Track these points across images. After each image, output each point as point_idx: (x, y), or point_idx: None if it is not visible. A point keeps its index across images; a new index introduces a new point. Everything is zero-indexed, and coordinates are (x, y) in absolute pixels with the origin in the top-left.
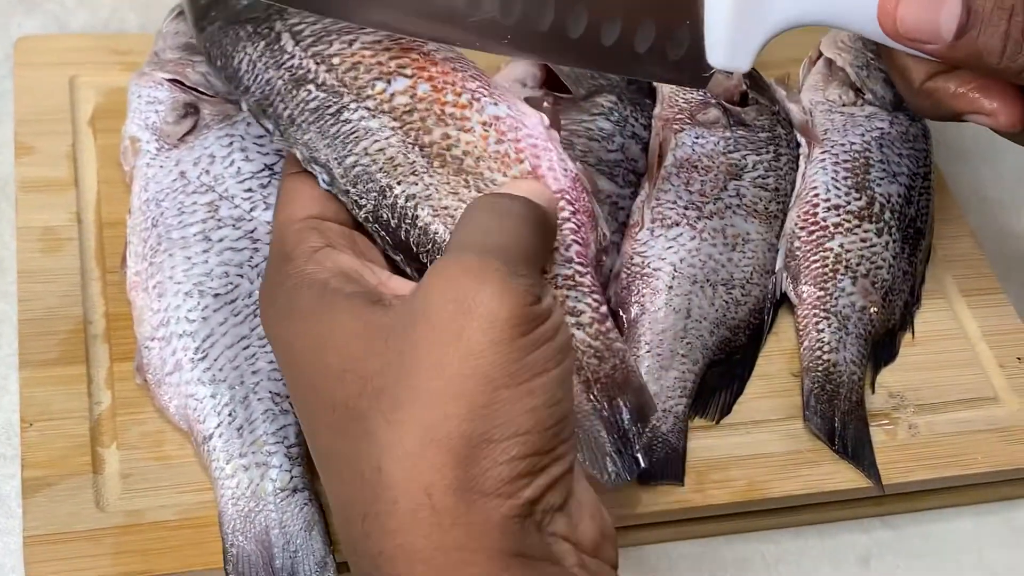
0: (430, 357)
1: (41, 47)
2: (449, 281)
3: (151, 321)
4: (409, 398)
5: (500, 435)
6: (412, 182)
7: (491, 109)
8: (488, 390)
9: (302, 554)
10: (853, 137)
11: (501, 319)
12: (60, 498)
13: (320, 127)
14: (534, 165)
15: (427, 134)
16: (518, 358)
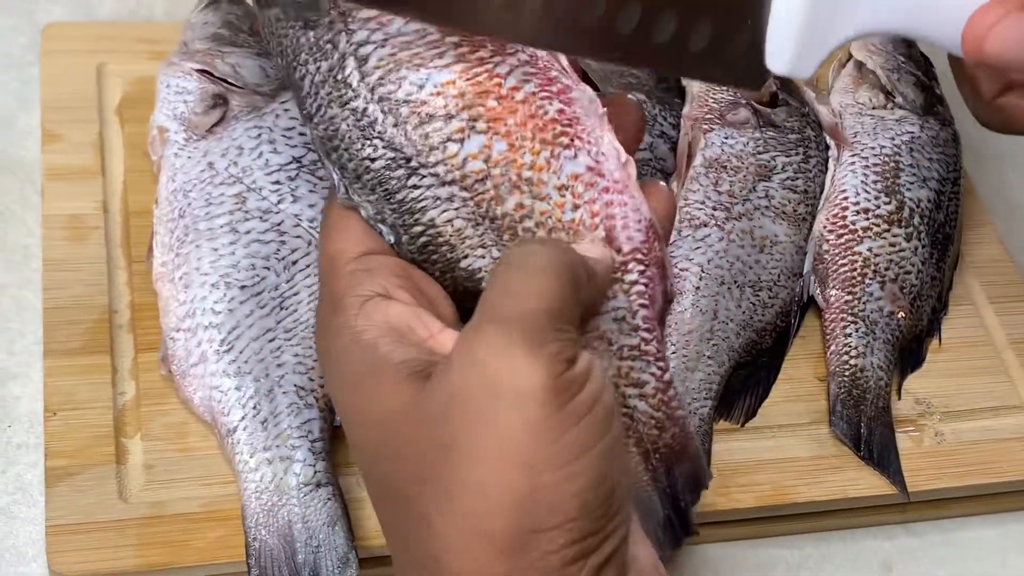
0: (468, 446)
1: (68, 34)
2: (475, 362)
3: (177, 312)
4: (457, 490)
5: (547, 524)
6: (479, 255)
7: (569, 167)
8: (530, 477)
9: (324, 549)
10: (883, 140)
11: (530, 397)
12: (83, 488)
13: (386, 190)
14: (608, 227)
15: (499, 204)
16: (555, 438)
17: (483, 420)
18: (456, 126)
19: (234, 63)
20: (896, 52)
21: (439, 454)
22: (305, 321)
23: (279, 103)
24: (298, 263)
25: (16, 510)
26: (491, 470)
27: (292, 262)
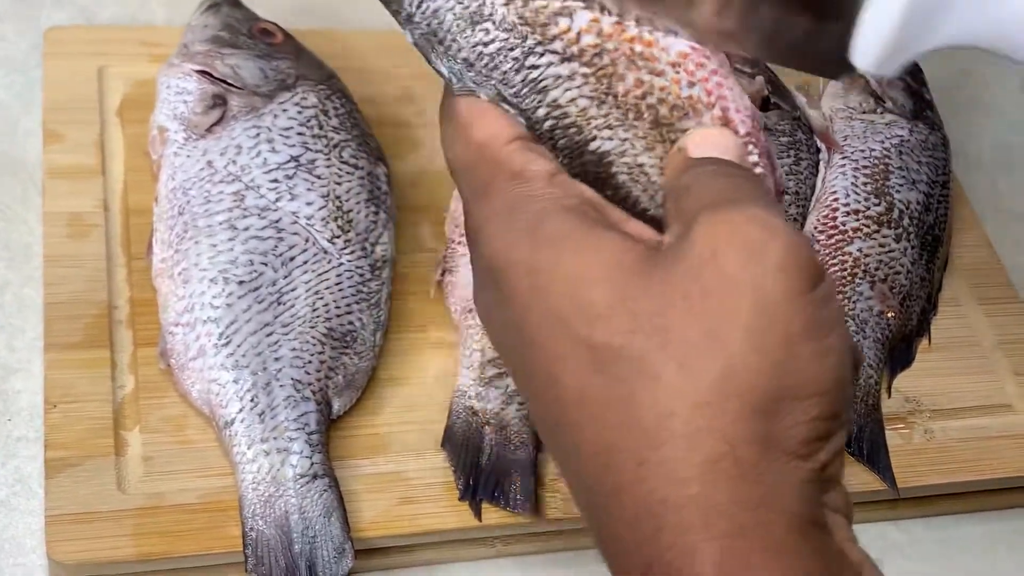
0: (724, 305)
1: (70, 38)
2: (737, 229)
3: (176, 307)
4: (705, 344)
5: (802, 392)
6: (607, 136)
7: (675, 44)
8: (787, 344)
9: (321, 539)
10: (873, 144)
11: (796, 271)
12: (82, 479)
13: (504, 72)
14: (723, 108)
15: (620, 81)
16: (814, 312)
17: (744, 283)
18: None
19: (233, 64)
20: None
21: (682, 308)
22: (302, 316)
23: (277, 103)
24: (295, 259)
25: (16, 502)
26: (748, 331)
27: (289, 258)
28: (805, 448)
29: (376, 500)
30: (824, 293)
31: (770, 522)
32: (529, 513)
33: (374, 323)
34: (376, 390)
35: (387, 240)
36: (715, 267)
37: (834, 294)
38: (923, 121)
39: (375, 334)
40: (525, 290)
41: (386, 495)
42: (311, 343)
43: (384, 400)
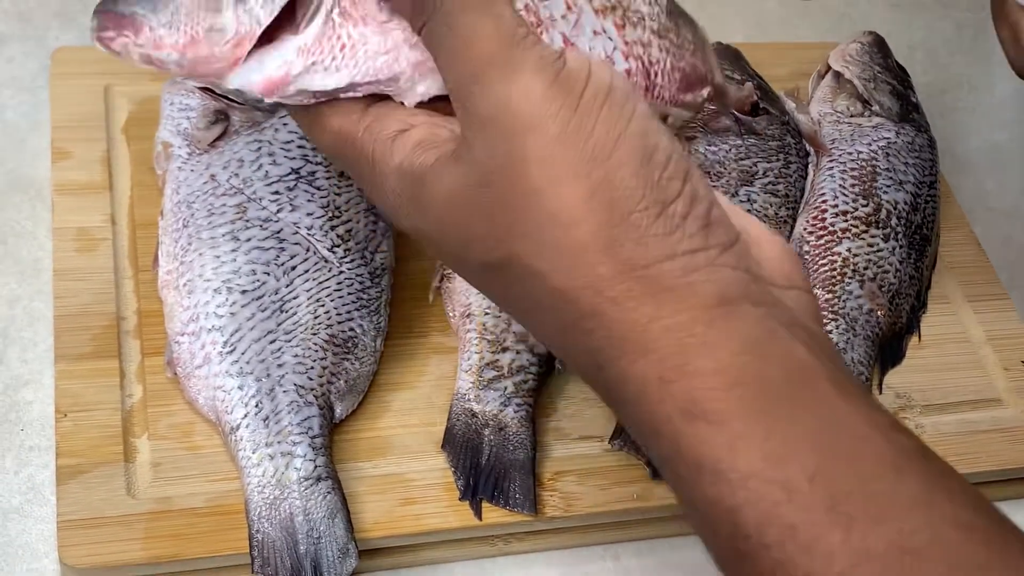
0: (523, 187)
1: (77, 58)
2: (483, 119)
3: (181, 317)
4: (535, 228)
5: (625, 210)
6: None
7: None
8: (585, 180)
9: (325, 540)
10: (860, 146)
11: (542, 113)
12: (93, 485)
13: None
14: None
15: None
16: (587, 136)
17: (520, 156)
18: None
19: None
20: (872, 63)
21: (503, 211)
22: (304, 323)
23: (278, 118)
24: (297, 268)
25: (29, 509)
26: (551, 193)
27: (291, 267)
28: (662, 246)
29: (379, 501)
30: (588, 107)
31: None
32: (528, 512)
33: (374, 329)
34: (377, 394)
35: (386, 248)
36: (497, 156)
37: (606, 93)
38: (910, 123)
39: (376, 340)
40: (428, 243)
41: (388, 496)
42: (313, 349)
43: (385, 404)
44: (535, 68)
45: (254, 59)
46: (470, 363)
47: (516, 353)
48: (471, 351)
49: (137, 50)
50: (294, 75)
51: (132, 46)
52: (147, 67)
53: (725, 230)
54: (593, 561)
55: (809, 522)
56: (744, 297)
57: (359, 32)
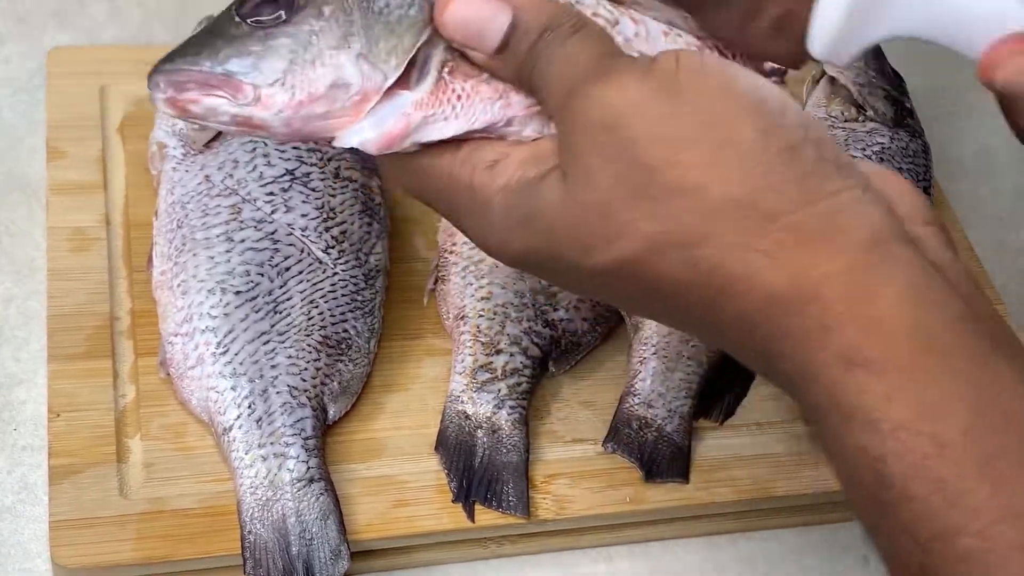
0: (647, 165)
1: (73, 58)
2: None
3: (175, 318)
4: (665, 201)
5: (758, 158)
6: None
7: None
8: (708, 146)
9: (317, 542)
10: (854, 151)
11: (637, 103)
12: (85, 485)
13: None
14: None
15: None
16: (689, 110)
17: (628, 144)
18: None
19: None
20: (867, 68)
21: (621, 204)
22: (298, 324)
23: None
24: (291, 269)
25: (21, 508)
26: (669, 168)
27: (285, 268)
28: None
29: (371, 503)
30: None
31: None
32: (521, 514)
33: (368, 331)
34: (371, 396)
35: (380, 250)
36: (611, 153)
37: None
38: (904, 129)
39: (369, 341)
40: (534, 264)
41: (381, 498)
42: (307, 351)
43: (379, 405)
44: (626, 69)
45: (368, 116)
46: (464, 365)
47: (510, 356)
48: (465, 353)
49: (232, 111)
50: (412, 127)
51: (225, 107)
52: (235, 129)
53: (857, 169)
54: (586, 564)
55: (958, 476)
56: (895, 236)
57: (471, 83)
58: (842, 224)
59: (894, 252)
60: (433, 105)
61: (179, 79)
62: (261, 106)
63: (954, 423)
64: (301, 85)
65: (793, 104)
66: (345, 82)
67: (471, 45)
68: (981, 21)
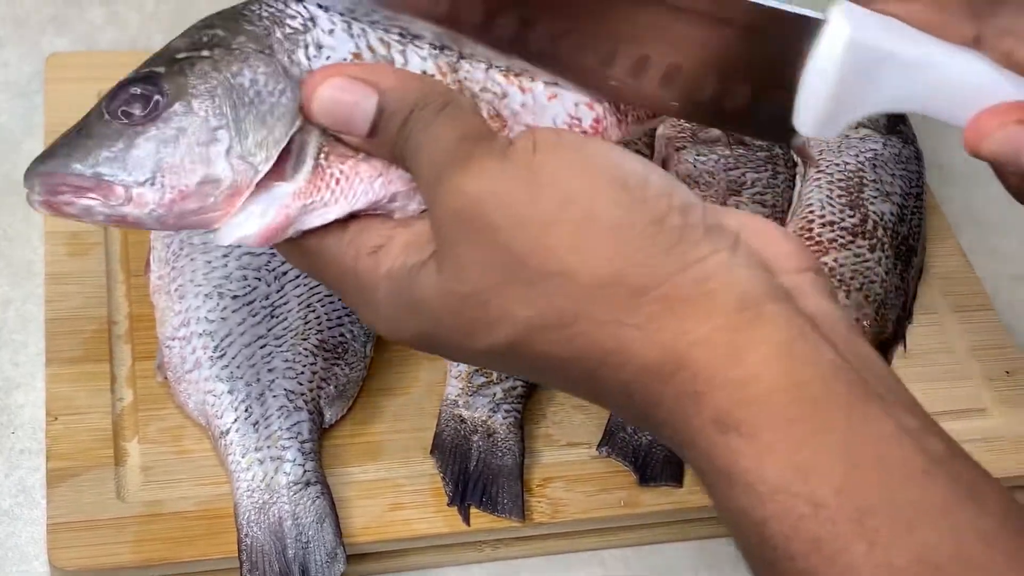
0: (514, 253)
1: (71, 63)
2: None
3: (172, 322)
4: (537, 286)
5: (624, 234)
6: None
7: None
8: (570, 227)
9: (314, 545)
10: (847, 158)
11: (495, 189)
12: (83, 488)
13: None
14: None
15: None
16: (548, 190)
17: (492, 231)
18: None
19: None
20: None
21: (495, 290)
22: (294, 328)
23: None
24: (287, 274)
25: (19, 511)
26: (535, 253)
27: (282, 272)
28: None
29: (367, 506)
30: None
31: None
32: (516, 518)
33: (364, 335)
34: (367, 399)
35: None
36: (471, 243)
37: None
38: (896, 135)
39: (365, 345)
40: (428, 346)
41: (377, 501)
42: (303, 354)
43: (375, 409)
44: (486, 155)
45: (243, 209)
46: (459, 369)
47: None
48: None
49: (105, 211)
50: (293, 218)
51: (99, 208)
52: (112, 225)
53: (726, 230)
54: (580, 567)
55: (834, 535)
56: (765, 295)
57: (349, 165)
58: (710, 289)
59: (764, 311)
60: (312, 192)
61: (53, 182)
62: (133, 205)
63: (827, 481)
64: (171, 183)
65: (656, 173)
66: (215, 178)
67: (342, 131)
68: (965, 93)
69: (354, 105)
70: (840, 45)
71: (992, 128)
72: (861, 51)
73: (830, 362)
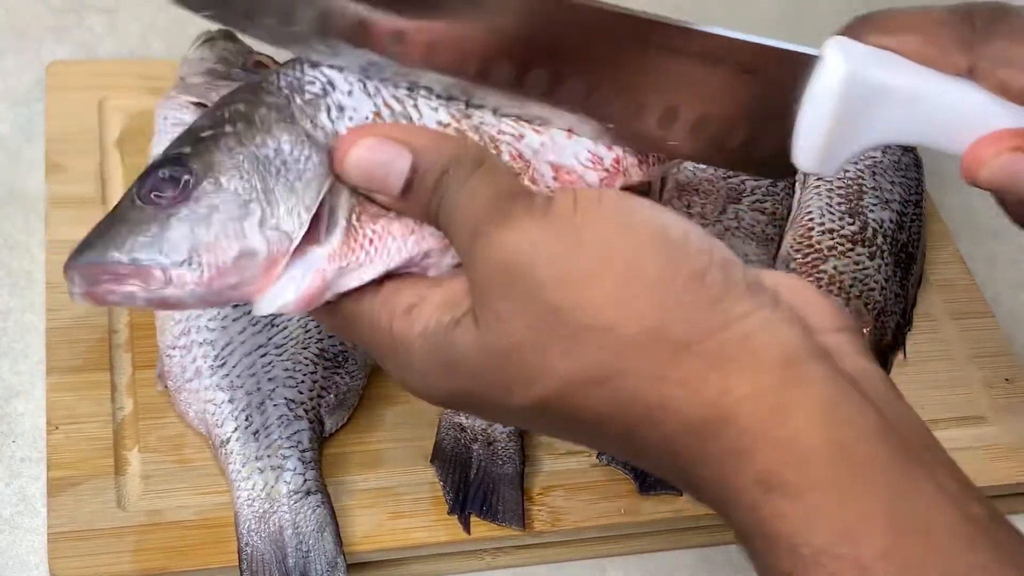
0: (555, 307)
1: (72, 72)
2: (485, 264)
3: (173, 331)
4: (585, 331)
5: (666, 288)
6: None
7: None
8: (612, 282)
9: (314, 554)
10: (847, 165)
11: (538, 246)
12: (84, 497)
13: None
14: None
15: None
16: (590, 247)
17: (534, 288)
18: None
19: None
20: None
21: (535, 346)
22: (295, 337)
23: None
24: None
25: (19, 520)
26: (576, 308)
27: None
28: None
29: (368, 515)
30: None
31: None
32: (516, 526)
33: None
34: (367, 408)
35: None
36: (514, 295)
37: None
38: None
39: (366, 354)
40: (481, 399)
41: (377, 510)
42: (304, 363)
43: (375, 418)
44: (525, 212)
45: (281, 279)
46: None
47: None
48: None
49: (146, 296)
50: (329, 281)
51: (140, 293)
52: (154, 308)
53: (765, 288)
54: (580, 575)
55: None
56: (808, 353)
57: (381, 224)
58: (754, 347)
59: (807, 370)
60: (346, 255)
61: (91, 272)
62: (173, 287)
63: (873, 544)
64: (208, 261)
65: (695, 229)
66: (251, 251)
67: (375, 190)
68: (962, 123)
69: (388, 164)
70: (837, 80)
71: (988, 156)
72: (858, 86)
73: (872, 423)
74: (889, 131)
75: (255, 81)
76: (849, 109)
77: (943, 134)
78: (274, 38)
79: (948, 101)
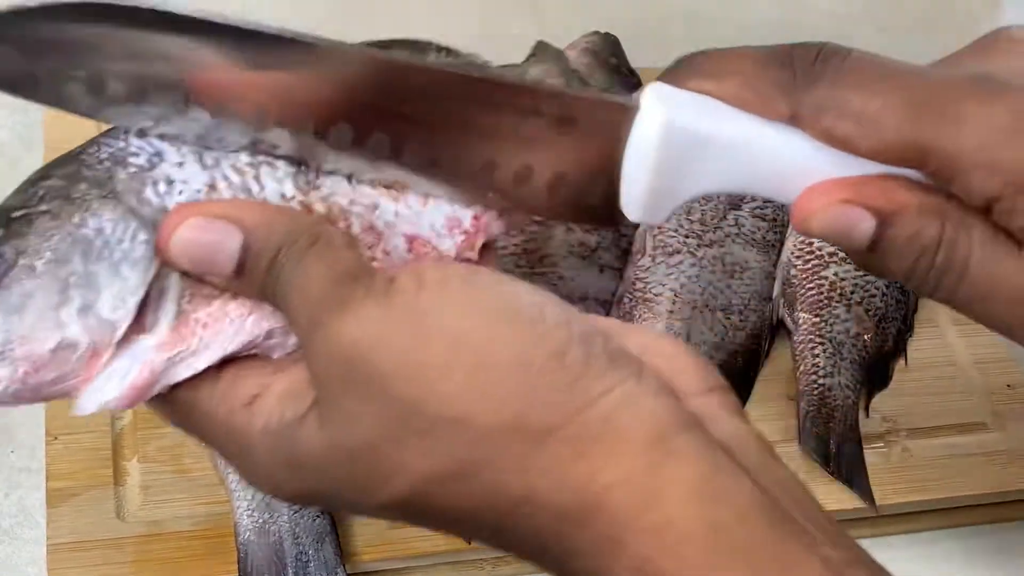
0: (403, 402)
1: None
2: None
3: None
4: (432, 435)
5: (522, 372)
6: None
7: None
8: (461, 371)
9: (314, 565)
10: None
11: (377, 334)
12: (83, 508)
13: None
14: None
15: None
16: (435, 332)
17: (377, 380)
18: None
19: None
20: None
21: (386, 441)
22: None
23: None
24: None
25: (19, 531)
26: (426, 400)
27: None
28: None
29: (368, 524)
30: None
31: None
32: None
33: None
34: None
35: None
36: (344, 398)
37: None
38: None
39: None
40: (333, 497)
41: (378, 520)
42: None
43: None
44: (365, 295)
45: (104, 371)
46: None
47: None
48: None
49: None
50: (158, 373)
51: None
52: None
53: (629, 357)
54: None
55: None
56: (677, 426)
57: (216, 306)
58: (618, 427)
59: (676, 446)
60: (177, 343)
61: None
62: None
63: None
64: (23, 355)
65: (551, 302)
66: (71, 342)
67: (205, 272)
68: (788, 171)
69: (217, 245)
70: (654, 130)
71: (818, 208)
72: (676, 134)
73: (749, 497)
74: (714, 180)
75: (74, 152)
76: (670, 158)
77: (769, 183)
78: (89, 108)
79: (770, 149)
